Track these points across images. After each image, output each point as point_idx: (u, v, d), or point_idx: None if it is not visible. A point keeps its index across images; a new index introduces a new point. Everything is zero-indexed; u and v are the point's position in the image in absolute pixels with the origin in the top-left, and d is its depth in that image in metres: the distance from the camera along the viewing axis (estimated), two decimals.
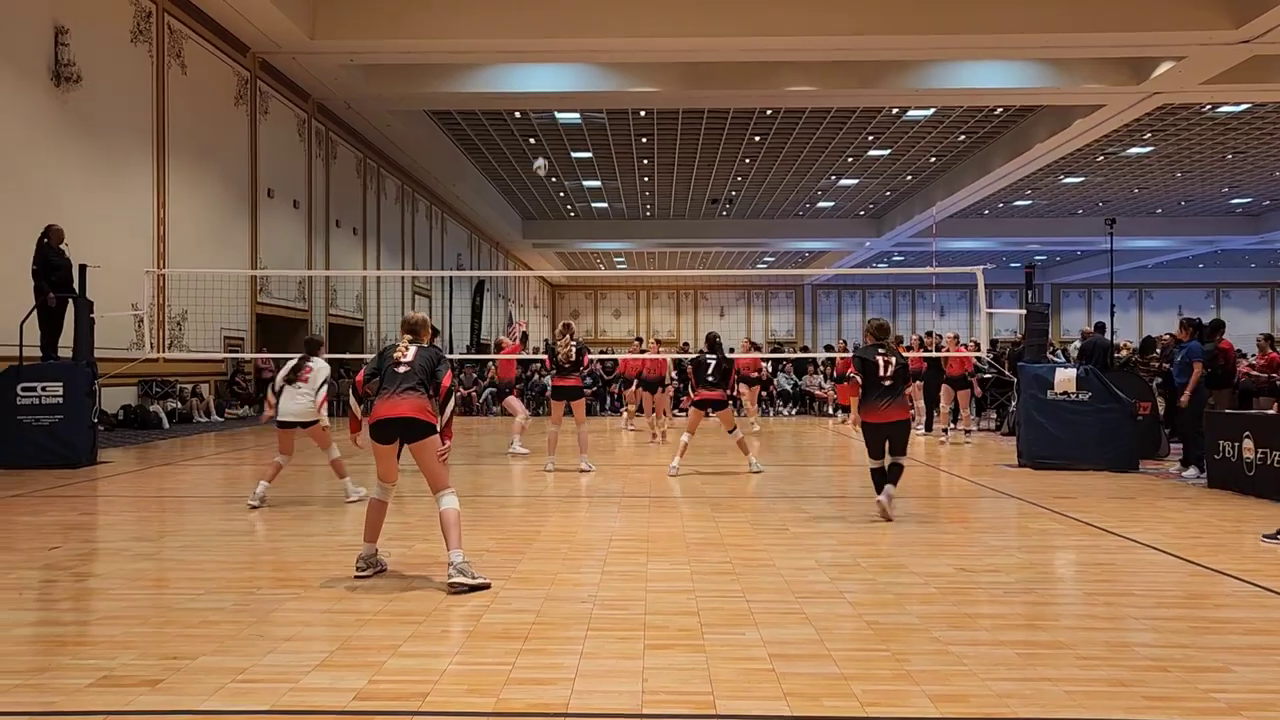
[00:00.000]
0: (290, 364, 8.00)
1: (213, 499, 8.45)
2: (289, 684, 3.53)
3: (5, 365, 10.81)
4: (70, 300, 11.14)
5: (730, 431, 10.34)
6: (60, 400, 10.47)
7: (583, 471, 10.31)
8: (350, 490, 8.12)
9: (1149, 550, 6.18)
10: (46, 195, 12.64)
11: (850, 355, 8.95)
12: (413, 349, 5.46)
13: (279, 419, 7.85)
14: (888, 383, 7.25)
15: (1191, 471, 10.05)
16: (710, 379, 10.15)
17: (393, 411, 5.22)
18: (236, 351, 17.95)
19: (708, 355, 10.34)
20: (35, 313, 11.01)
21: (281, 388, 7.87)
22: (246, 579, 5.26)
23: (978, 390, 15.81)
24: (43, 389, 10.48)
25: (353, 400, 5.77)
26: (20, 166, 12.35)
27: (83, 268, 11.18)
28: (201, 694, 3.42)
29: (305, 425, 7.86)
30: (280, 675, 3.63)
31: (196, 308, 16.16)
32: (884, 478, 7.41)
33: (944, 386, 14.92)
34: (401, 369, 5.34)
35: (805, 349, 44.09)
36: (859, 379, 7.37)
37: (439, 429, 5.31)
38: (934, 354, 15.94)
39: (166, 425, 15.19)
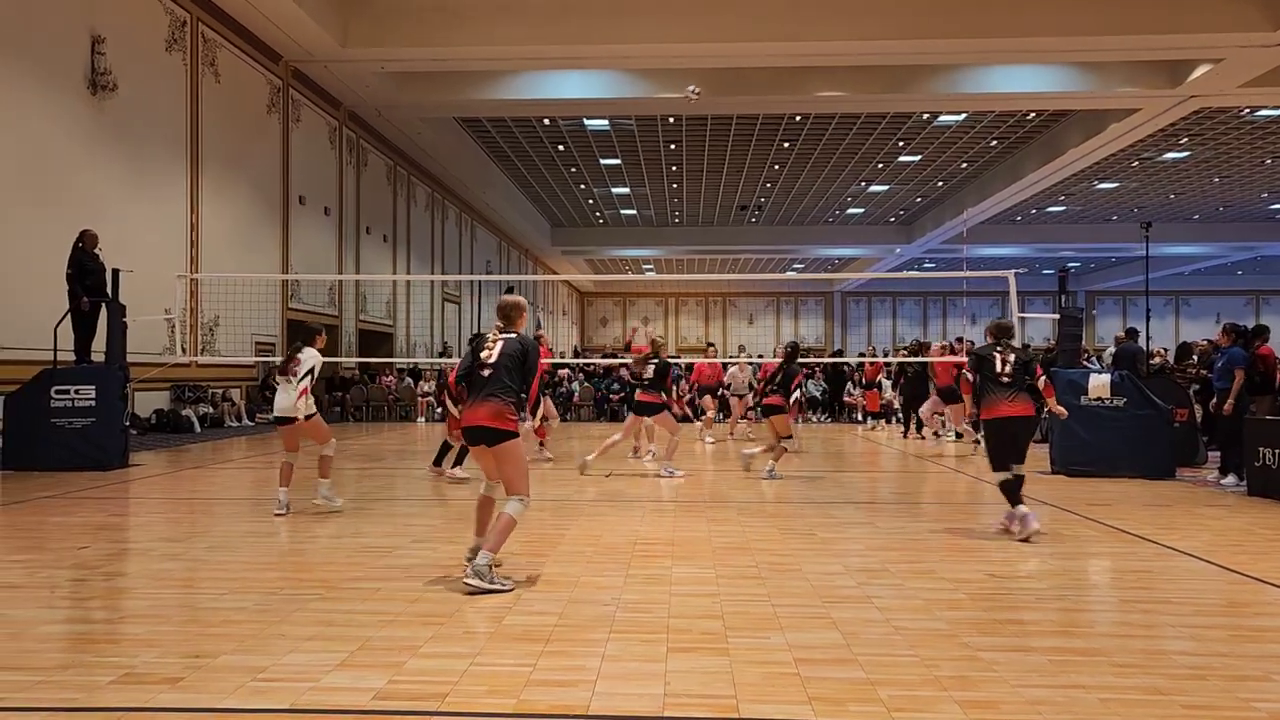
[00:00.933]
0: (284, 357, 7.63)
1: (241, 501, 8.49)
2: (309, 683, 3.51)
3: (39, 368, 10.96)
4: (104, 304, 11.28)
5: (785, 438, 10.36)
6: (93, 403, 10.59)
7: (665, 476, 10.31)
8: (325, 495, 7.68)
9: (1187, 558, 6.04)
10: (82, 201, 12.82)
11: (878, 360, 8.93)
12: (499, 344, 5.24)
13: (274, 414, 7.60)
14: (1006, 379, 6.85)
15: (1231, 479, 9.83)
16: (773, 387, 10.26)
17: (471, 420, 5.16)
18: (267, 356, 18.10)
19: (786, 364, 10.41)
20: (69, 316, 11.16)
21: (277, 382, 7.53)
22: (270, 579, 5.26)
23: (968, 408, 15.15)
24: (76, 392, 10.60)
25: (449, 403, 5.78)
26: (57, 173, 12.53)
27: (115, 272, 11.31)
28: (221, 692, 3.41)
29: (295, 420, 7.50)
30: (300, 674, 3.61)
31: (228, 313, 16.33)
32: (1019, 486, 6.80)
33: (933, 397, 15.55)
34: (486, 372, 5.19)
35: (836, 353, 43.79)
36: (972, 377, 7.10)
37: (529, 419, 5.28)
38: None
39: (198, 429, 15.33)
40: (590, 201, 35.00)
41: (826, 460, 12.86)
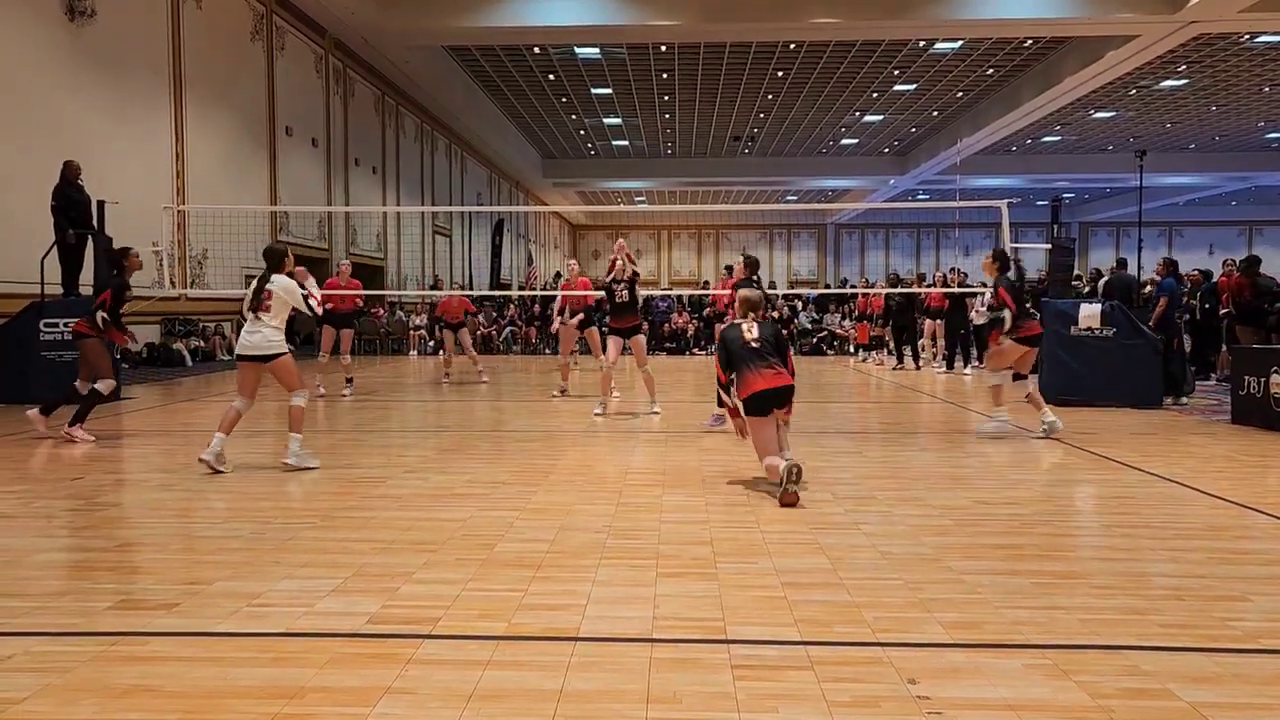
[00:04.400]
0: (251, 289, 6.67)
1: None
2: (303, 608, 3.56)
3: (27, 301, 10.89)
4: (90, 237, 11.15)
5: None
6: None
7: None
8: (295, 453, 6.50)
9: (1170, 484, 6.12)
10: (63, 131, 12.60)
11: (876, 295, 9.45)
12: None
13: (236, 352, 6.69)
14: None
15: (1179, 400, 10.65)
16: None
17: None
18: None
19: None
20: (55, 249, 11.04)
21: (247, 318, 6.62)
22: (265, 509, 5.31)
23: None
24: (65, 325, 10.54)
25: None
26: (37, 102, 12.29)
27: (100, 204, 11.16)
28: (216, 617, 3.46)
29: (265, 359, 6.51)
30: (295, 600, 3.66)
31: (217, 245, 16.17)
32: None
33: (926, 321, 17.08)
34: None
35: (828, 286, 43.70)
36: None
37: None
38: (957, 290, 15.81)
39: (189, 363, 15.32)
40: (581, 132, 34.55)
41: (816, 391, 12.92)
